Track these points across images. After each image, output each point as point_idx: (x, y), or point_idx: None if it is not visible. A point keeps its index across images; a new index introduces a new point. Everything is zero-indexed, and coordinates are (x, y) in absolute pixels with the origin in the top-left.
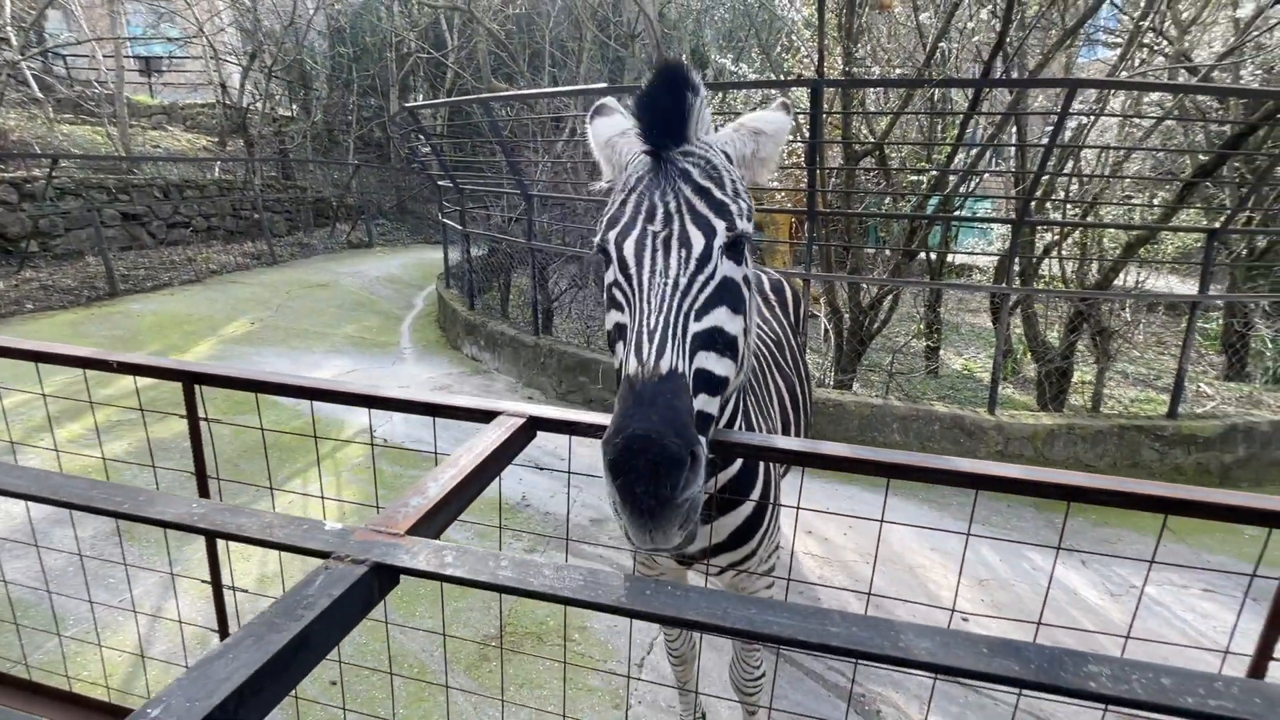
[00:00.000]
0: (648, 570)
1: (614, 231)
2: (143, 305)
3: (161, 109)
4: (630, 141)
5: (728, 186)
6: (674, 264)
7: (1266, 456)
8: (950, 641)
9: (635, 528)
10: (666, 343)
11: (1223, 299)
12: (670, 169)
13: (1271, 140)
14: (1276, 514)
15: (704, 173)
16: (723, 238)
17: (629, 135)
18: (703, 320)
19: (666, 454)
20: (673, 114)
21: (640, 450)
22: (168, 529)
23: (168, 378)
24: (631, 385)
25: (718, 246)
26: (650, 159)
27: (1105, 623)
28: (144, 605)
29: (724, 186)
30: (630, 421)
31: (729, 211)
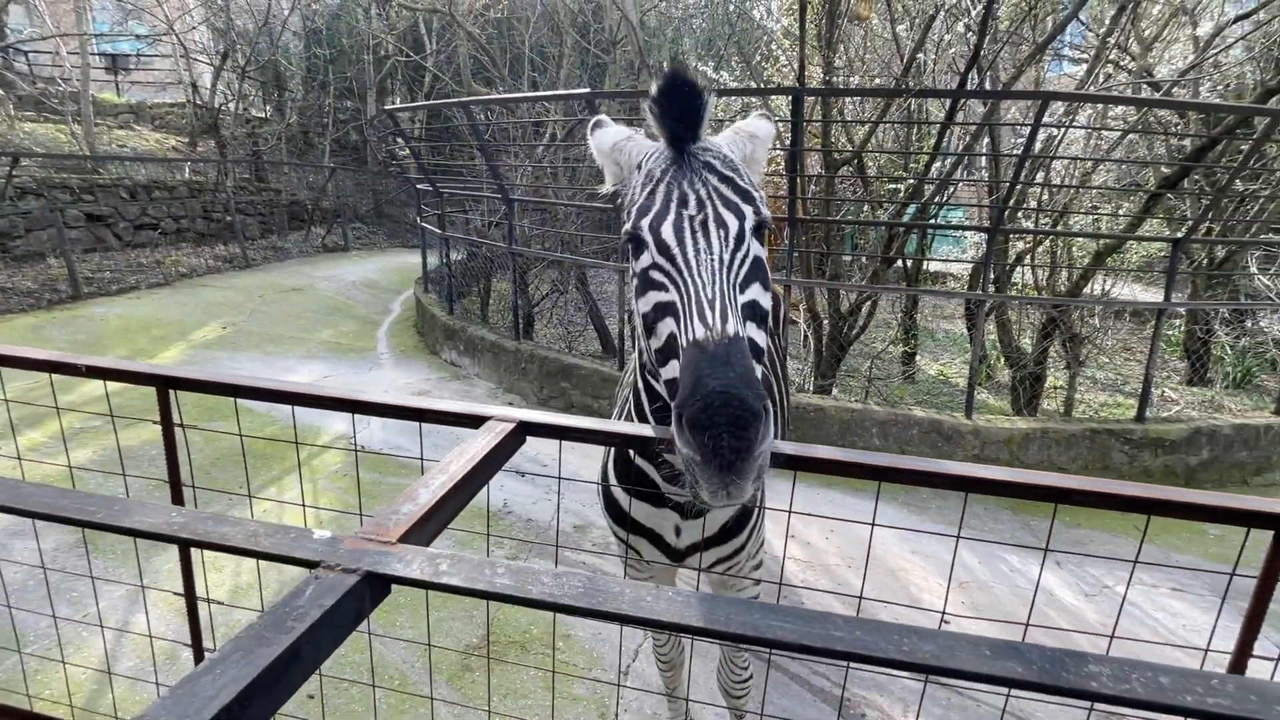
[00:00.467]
0: (638, 573)
1: (647, 219)
2: (107, 309)
3: (129, 108)
4: (638, 144)
5: (744, 177)
6: (715, 243)
7: (1228, 459)
8: (953, 644)
9: (715, 481)
10: (727, 309)
11: (1186, 306)
12: (694, 161)
13: (1230, 154)
14: (1252, 514)
15: (724, 164)
16: (751, 220)
17: (635, 139)
18: (745, 293)
19: (746, 407)
20: (692, 111)
21: (723, 405)
22: (144, 539)
23: (141, 382)
24: (703, 348)
25: (749, 228)
26: (673, 152)
27: (1081, 622)
28: (110, 619)
29: (742, 177)
30: (709, 380)
31: (752, 198)
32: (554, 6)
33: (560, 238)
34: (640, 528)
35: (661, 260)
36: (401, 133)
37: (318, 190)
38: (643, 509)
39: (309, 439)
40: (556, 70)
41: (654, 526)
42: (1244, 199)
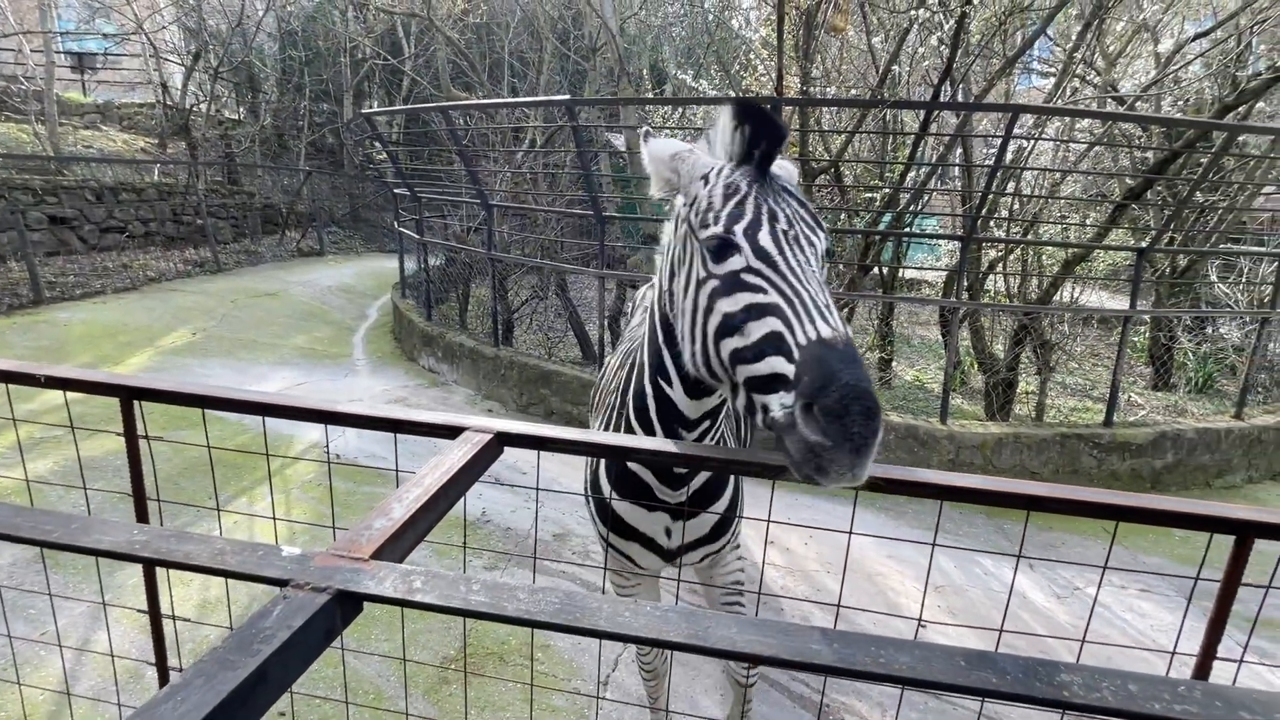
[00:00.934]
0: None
1: (741, 225)
2: (71, 314)
3: (95, 108)
4: (699, 158)
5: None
6: (810, 258)
7: (1192, 462)
8: (929, 655)
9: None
10: (838, 315)
11: (1150, 314)
12: (774, 183)
13: (1190, 167)
14: (1215, 519)
15: (798, 191)
16: (823, 245)
17: (696, 153)
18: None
19: (874, 400)
20: (777, 137)
21: (856, 398)
22: (105, 559)
23: (103, 393)
24: (831, 346)
25: (823, 251)
26: (756, 171)
27: (1053, 624)
28: (70, 638)
29: (809, 205)
30: (844, 374)
31: (822, 224)
32: (534, 12)
33: (540, 243)
34: (635, 532)
35: (760, 265)
36: (379, 136)
37: (293, 194)
38: (637, 513)
39: (281, 448)
40: (536, 76)
41: (647, 530)
42: (1204, 210)
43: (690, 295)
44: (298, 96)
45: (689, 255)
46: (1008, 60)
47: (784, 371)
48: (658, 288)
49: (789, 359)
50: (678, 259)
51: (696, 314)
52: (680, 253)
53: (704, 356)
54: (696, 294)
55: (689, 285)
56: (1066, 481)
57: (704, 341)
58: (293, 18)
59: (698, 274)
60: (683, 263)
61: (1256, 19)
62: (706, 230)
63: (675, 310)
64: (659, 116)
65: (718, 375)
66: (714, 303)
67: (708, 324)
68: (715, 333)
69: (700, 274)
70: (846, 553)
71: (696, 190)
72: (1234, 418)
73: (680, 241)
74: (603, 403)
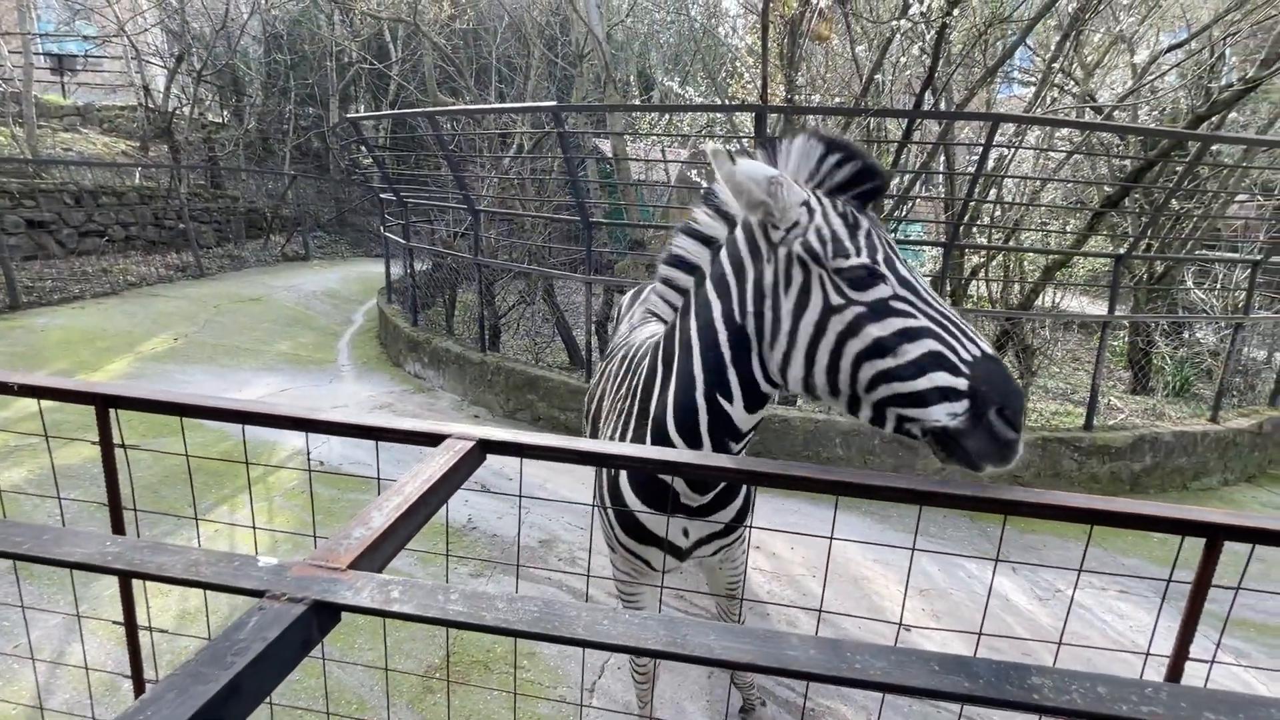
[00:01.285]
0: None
1: (879, 256)
2: (49, 319)
3: (75, 110)
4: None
5: None
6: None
7: (1169, 464)
8: (903, 661)
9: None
10: None
11: (1128, 319)
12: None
13: (1167, 175)
14: (1187, 523)
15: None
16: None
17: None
18: None
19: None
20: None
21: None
22: (77, 570)
23: (78, 401)
24: (998, 360)
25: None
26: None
27: (1035, 626)
28: (43, 650)
29: None
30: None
31: None
32: (521, 18)
33: (527, 249)
34: (654, 537)
35: (905, 293)
36: (364, 141)
37: (277, 198)
38: (659, 519)
39: (264, 455)
40: (524, 82)
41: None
42: (1179, 217)
43: (812, 319)
44: (283, 100)
45: (802, 279)
46: (988, 70)
47: (953, 385)
48: (723, 303)
49: (955, 374)
50: (780, 282)
51: (822, 337)
52: (784, 276)
53: (828, 376)
54: (824, 318)
55: (806, 309)
56: (1048, 484)
57: (832, 363)
58: (277, 21)
59: (829, 300)
60: (787, 286)
61: (1229, 31)
62: (846, 260)
63: (770, 331)
64: (645, 123)
65: (839, 391)
66: (861, 327)
67: (844, 347)
68: (858, 355)
69: (836, 300)
70: (828, 557)
71: (798, 216)
72: (1210, 421)
73: (785, 264)
74: (612, 409)
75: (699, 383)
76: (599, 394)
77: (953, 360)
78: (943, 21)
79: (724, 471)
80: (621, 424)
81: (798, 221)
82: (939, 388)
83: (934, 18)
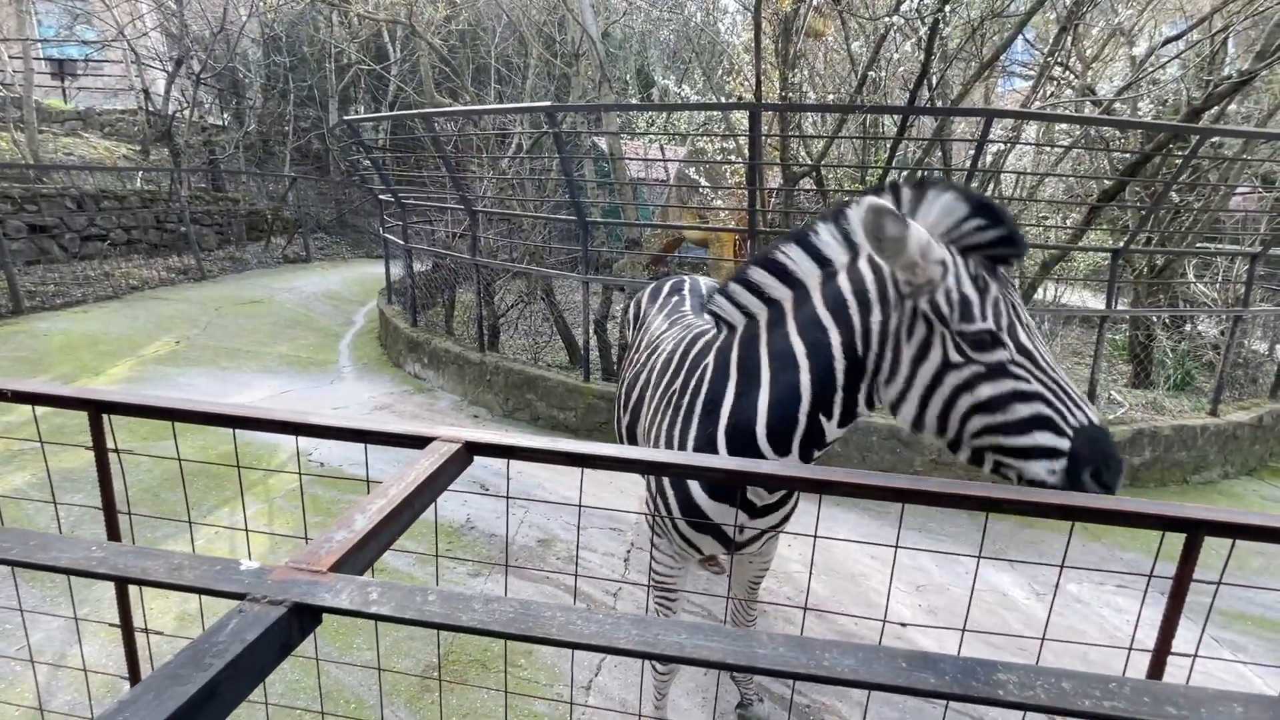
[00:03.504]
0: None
1: (1004, 323)
2: (51, 324)
3: (76, 114)
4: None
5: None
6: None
7: (1169, 459)
8: (871, 658)
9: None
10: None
11: (1127, 313)
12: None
13: (1167, 168)
14: (1167, 519)
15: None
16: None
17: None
18: None
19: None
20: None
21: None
22: (65, 575)
23: (71, 407)
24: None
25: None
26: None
27: (1032, 621)
28: (45, 653)
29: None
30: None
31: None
32: (519, 18)
33: (526, 248)
34: (710, 527)
35: (1022, 360)
36: (362, 143)
37: (278, 200)
38: (723, 512)
39: (264, 457)
40: (522, 81)
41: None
42: (1179, 210)
43: (930, 370)
44: (282, 102)
45: (924, 334)
46: (982, 65)
47: (1056, 445)
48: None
49: (1059, 434)
50: (904, 330)
51: (939, 387)
52: (908, 326)
53: (939, 420)
54: (942, 372)
55: (924, 361)
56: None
57: (944, 410)
58: (276, 23)
59: (951, 357)
60: (909, 336)
61: (1228, 21)
62: (972, 325)
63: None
64: (643, 122)
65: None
66: (977, 385)
67: (958, 399)
68: (970, 407)
69: (955, 358)
70: (812, 554)
71: (933, 274)
72: (1210, 414)
73: (911, 315)
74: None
75: (804, 399)
76: (641, 383)
77: (1059, 423)
78: (935, 17)
79: (715, 472)
80: (680, 419)
81: (931, 279)
82: (1041, 446)
83: (927, 13)
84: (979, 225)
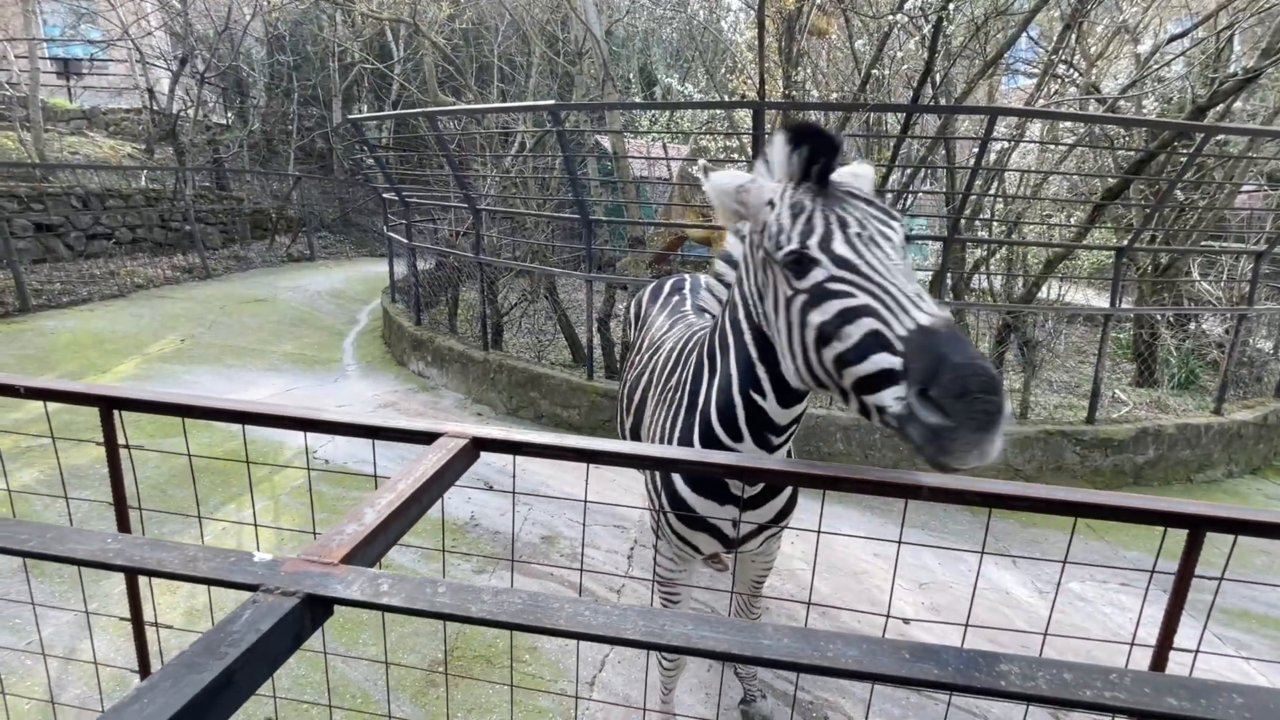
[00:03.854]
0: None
1: (814, 239)
2: (58, 322)
3: (81, 113)
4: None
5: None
6: (888, 252)
7: (1173, 457)
8: (875, 649)
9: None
10: (933, 301)
11: (1130, 312)
12: (838, 191)
13: (1171, 165)
14: (1169, 514)
15: (865, 192)
16: (899, 236)
17: (758, 181)
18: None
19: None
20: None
21: (974, 374)
22: (81, 567)
23: (83, 403)
24: (934, 331)
25: (901, 241)
26: (818, 186)
27: (1035, 619)
28: (56, 647)
29: (878, 201)
30: (954, 355)
31: (896, 215)
32: (521, 17)
33: (530, 247)
34: (703, 523)
35: (841, 272)
36: (366, 142)
37: (282, 198)
38: (709, 506)
39: (271, 454)
40: (525, 80)
41: (716, 522)
42: (1184, 209)
43: (782, 314)
44: (286, 101)
45: (772, 278)
46: (986, 64)
47: (891, 366)
48: (743, 306)
49: (893, 353)
50: (763, 282)
51: (792, 330)
52: (763, 276)
53: (808, 368)
54: (788, 312)
55: (778, 305)
56: (1050, 478)
57: (804, 354)
58: (280, 22)
59: (784, 293)
60: (768, 285)
61: (1234, 19)
62: (782, 251)
63: (772, 330)
64: (646, 120)
65: (825, 383)
66: (806, 316)
67: (805, 337)
68: (814, 344)
69: (786, 292)
70: (815, 550)
71: (765, 216)
72: (1214, 413)
73: (761, 266)
74: (660, 399)
75: (734, 380)
76: (644, 383)
77: (889, 337)
78: (939, 16)
79: (716, 468)
80: (672, 414)
81: (765, 221)
82: (882, 370)
83: (931, 11)
84: (790, 148)
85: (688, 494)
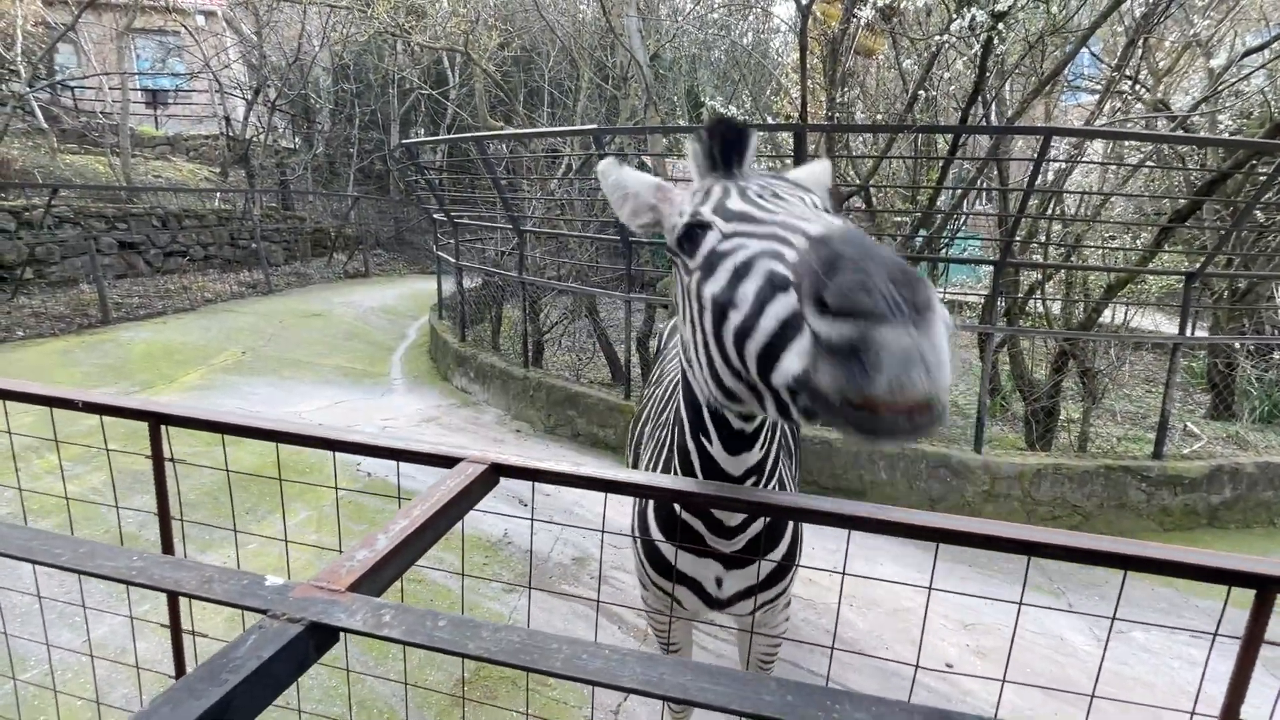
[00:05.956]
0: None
1: (708, 206)
2: (134, 333)
3: (165, 140)
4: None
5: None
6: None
7: (1253, 498)
8: (884, 713)
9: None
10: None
11: (1201, 341)
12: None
13: (1249, 184)
14: (1232, 573)
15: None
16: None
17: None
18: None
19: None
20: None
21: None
22: (108, 582)
23: (133, 418)
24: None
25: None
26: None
27: (1093, 671)
28: (108, 648)
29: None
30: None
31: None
32: (570, 44)
33: (573, 266)
34: (683, 577)
35: (732, 226)
36: (419, 164)
37: (341, 218)
38: (686, 559)
39: (316, 466)
40: (574, 104)
41: (696, 576)
42: (1264, 231)
43: (686, 314)
44: (348, 126)
45: (679, 281)
46: (1041, 81)
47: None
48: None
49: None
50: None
51: (694, 329)
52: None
53: (713, 373)
54: (687, 306)
55: (683, 308)
56: (1112, 516)
57: (707, 352)
58: (345, 53)
59: (683, 283)
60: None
61: None
62: (675, 230)
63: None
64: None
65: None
66: (701, 295)
67: (705, 326)
68: (713, 330)
69: (684, 281)
70: (840, 592)
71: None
72: None
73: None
74: (652, 437)
75: (686, 424)
76: (643, 419)
77: (783, 273)
78: (989, 35)
79: (737, 503)
80: (659, 454)
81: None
82: (782, 323)
83: (980, 31)
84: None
85: (662, 542)
